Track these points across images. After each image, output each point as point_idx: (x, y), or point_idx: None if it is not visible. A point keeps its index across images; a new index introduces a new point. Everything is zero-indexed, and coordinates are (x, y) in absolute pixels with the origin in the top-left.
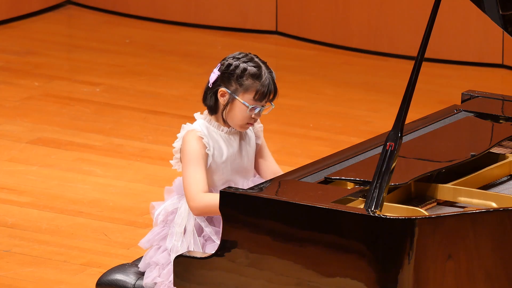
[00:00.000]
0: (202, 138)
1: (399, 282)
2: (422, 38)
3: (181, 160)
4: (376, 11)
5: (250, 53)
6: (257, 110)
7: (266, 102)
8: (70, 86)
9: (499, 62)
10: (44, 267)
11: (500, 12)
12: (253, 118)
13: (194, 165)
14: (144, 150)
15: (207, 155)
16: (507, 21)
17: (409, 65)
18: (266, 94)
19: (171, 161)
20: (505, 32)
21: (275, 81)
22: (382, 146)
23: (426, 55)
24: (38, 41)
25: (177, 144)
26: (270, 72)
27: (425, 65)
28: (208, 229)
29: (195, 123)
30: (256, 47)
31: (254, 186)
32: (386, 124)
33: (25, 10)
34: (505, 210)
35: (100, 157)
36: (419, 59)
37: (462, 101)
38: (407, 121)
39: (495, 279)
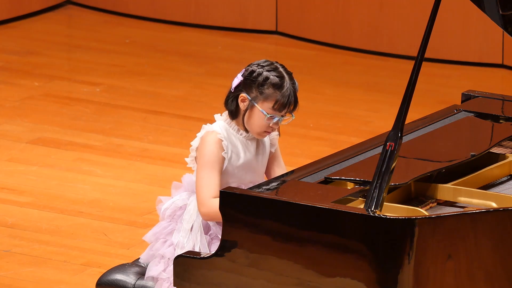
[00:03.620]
0: (222, 141)
1: (399, 282)
2: (422, 38)
3: (196, 159)
4: (376, 11)
5: (276, 62)
6: (275, 120)
7: (285, 113)
8: (70, 86)
9: (499, 62)
10: (44, 267)
11: (500, 12)
12: (271, 127)
13: (209, 169)
14: (144, 150)
15: (223, 158)
16: (507, 21)
17: (409, 65)
18: (286, 105)
19: (186, 159)
20: (505, 32)
21: (297, 93)
22: (382, 146)
23: (426, 55)
24: (38, 41)
25: (194, 143)
26: (293, 83)
27: (425, 65)
28: (215, 228)
29: (214, 124)
30: (256, 47)
31: (254, 186)
32: (386, 124)
33: (25, 10)
34: (505, 210)
35: (100, 157)
36: (419, 59)
37: (462, 101)
38: (407, 121)
39: (495, 279)
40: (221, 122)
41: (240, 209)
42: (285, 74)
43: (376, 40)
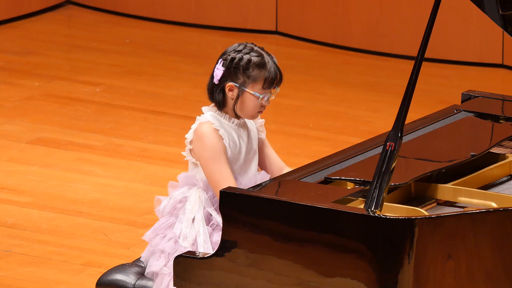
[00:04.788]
0: (218, 130)
1: (399, 282)
2: (422, 38)
3: (194, 153)
4: (376, 11)
5: (247, 43)
6: (266, 98)
7: (273, 87)
8: (70, 86)
9: (499, 62)
10: (44, 267)
11: (500, 12)
12: (263, 105)
13: (217, 161)
14: (144, 150)
15: (225, 147)
16: (507, 21)
17: (409, 65)
18: (274, 80)
19: (183, 152)
20: (505, 32)
21: (278, 64)
22: (382, 146)
23: (426, 55)
24: (38, 41)
25: (189, 136)
26: (272, 57)
27: (425, 65)
28: (218, 218)
29: (206, 115)
30: None
31: (254, 186)
32: (386, 124)
33: (25, 10)
34: (505, 210)
35: (100, 157)
36: (419, 59)
37: (462, 101)
38: (407, 121)
39: (495, 279)
40: (211, 113)
41: (240, 209)
42: (262, 52)
43: (376, 40)
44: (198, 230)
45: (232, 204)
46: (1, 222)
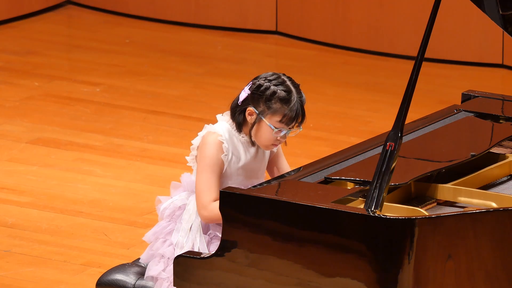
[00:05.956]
0: (222, 143)
1: (399, 282)
2: (422, 38)
3: (197, 159)
4: (376, 11)
5: (283, 75)
6: (282, 133)
7: (293, 126)
8: (70, 86)
9: (499, 62)
10: (44, 267)
11: (500, 12)
12: (278, 140)
13: (209, 172)
14: (144, 150)
15: (223, 161)
16: (507, 21)
17: (409, 65)
18: (293, 119)
19: (187, 157)
20: (505, 32)
21: (304, 105)
22: (382, 146)
23: (426, 55)
24: (38, 41)
25: (195, 142)
26: (300, 97)
27: (425, 65)
28: (214, 228)
29: (217, 124)
30: (256, 47)
31: (254, 186)
32: (386, 124)
33: (25, 10)
34: (505, 210)
35: (100, 157)
36: (419, 59)
37: (462, 101)
38: (407, 121)
39: (495, 279)
40: (224, 123)
41: (240, 209)
42: (292, 88)
43: (376, 40)
44: (195, 239)
45: (232, 204)
46: (1, 222)
